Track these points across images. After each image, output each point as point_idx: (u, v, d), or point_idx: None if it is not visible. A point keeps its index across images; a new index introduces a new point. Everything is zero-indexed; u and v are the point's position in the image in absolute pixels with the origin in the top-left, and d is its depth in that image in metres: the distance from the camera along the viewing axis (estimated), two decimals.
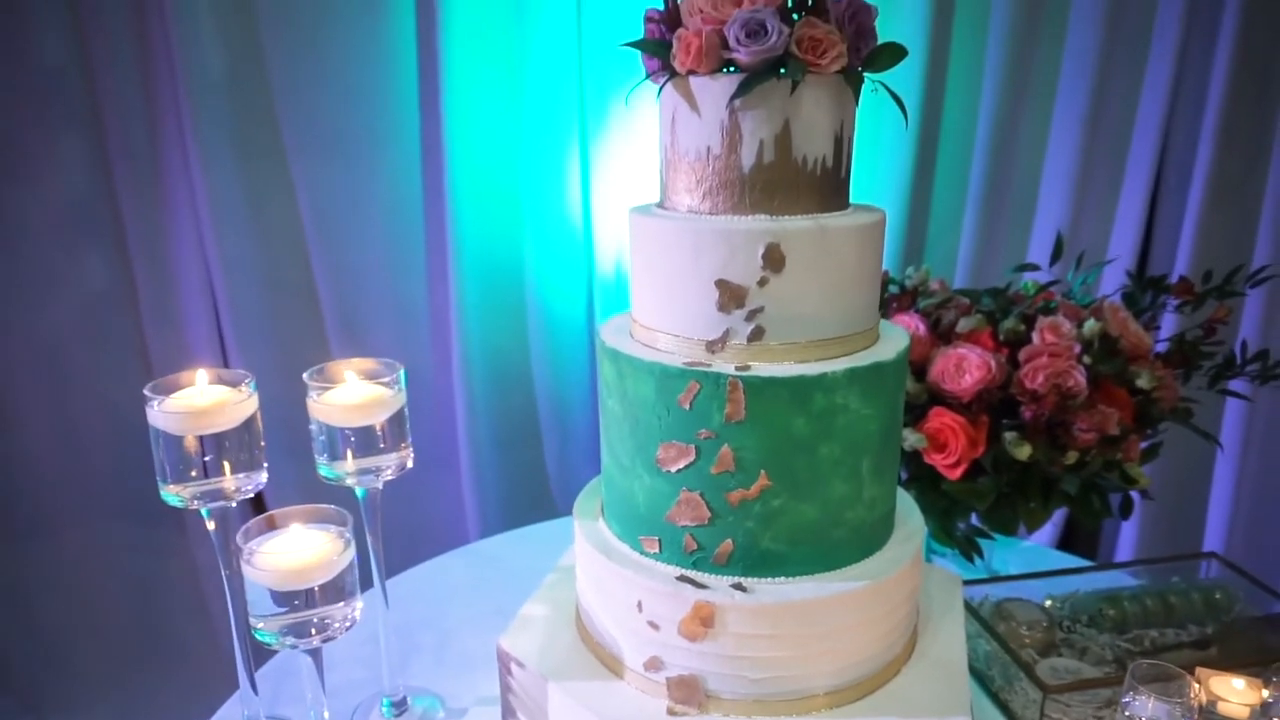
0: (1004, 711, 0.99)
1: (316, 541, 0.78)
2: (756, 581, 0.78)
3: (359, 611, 0.81)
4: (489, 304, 1.85)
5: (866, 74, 0.77)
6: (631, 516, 0.83)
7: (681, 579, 0.79)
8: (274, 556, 0.76)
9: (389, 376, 0.91)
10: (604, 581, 0.84)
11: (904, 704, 0.80)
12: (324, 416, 0.89)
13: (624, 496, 0.84)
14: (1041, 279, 1.23)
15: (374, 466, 0.91)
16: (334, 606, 0.78)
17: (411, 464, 0.95)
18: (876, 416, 0.78)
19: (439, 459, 1.93)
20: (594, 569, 0.85)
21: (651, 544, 0.81)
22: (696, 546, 0.79)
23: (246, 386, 0.87)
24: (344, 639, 0.81)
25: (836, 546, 0.80)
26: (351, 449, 0.90)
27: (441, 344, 1.89)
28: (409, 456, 0.94)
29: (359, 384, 0.91)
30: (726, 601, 0.76)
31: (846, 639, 0.78)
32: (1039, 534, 1.93)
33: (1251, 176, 1.77)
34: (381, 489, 0.93)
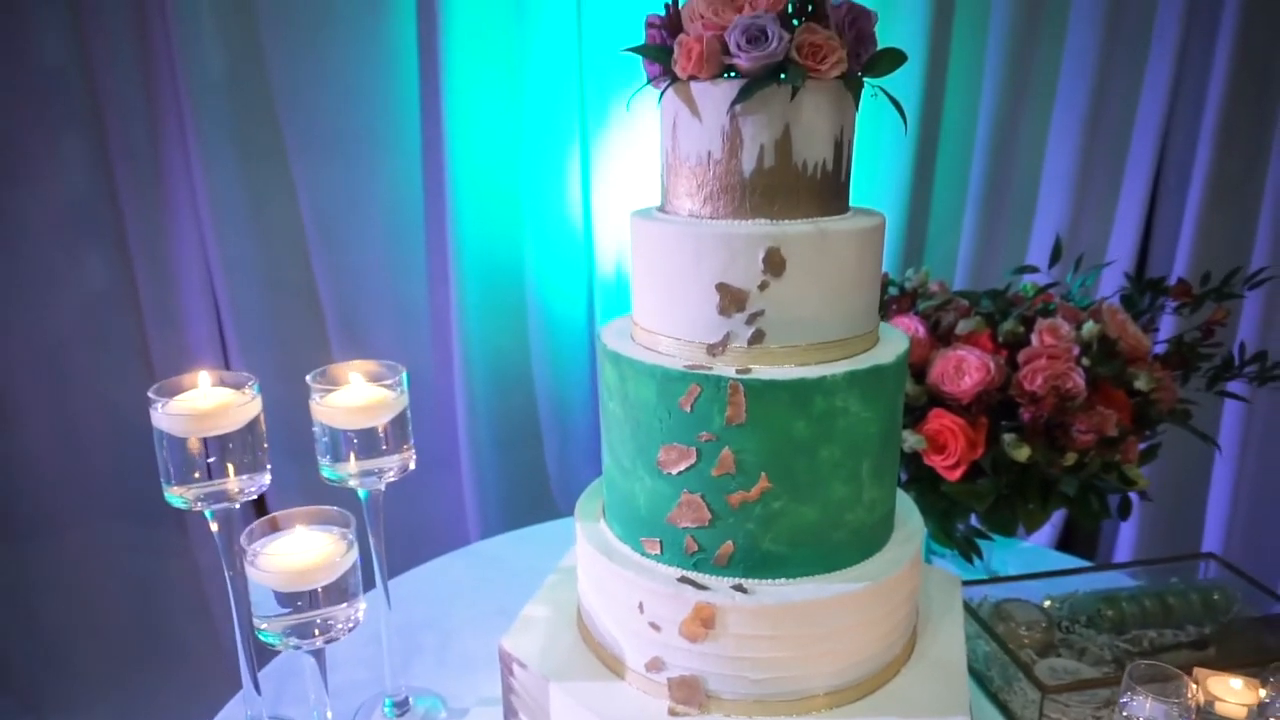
0: (1003, 712, 1.00)
1: (320, 543, 0.78)
2: (757, 583, 0.79)
3: (362, 612, 0.81)
4: (489, 305, 1.85)
5: (866, 79, 0.77)
6: (633, 518, 0.84)
7: (682, 580, 0.79)
8: (278, 558, 0.76)
9: (391, 379, 0.92)
10: (605, 583, 0.84)
11: (903, 704, 0.81)
12: (327, 418, 0.89)
13: (625, 498, 0.84)
14: (1041, 281, 1.23)
15: (376, 468, 0.92)
16: (337, 607, 0.78)
17: (414, 465, 0.95)
18: (876, 419, 0.78)
19: (440, 460, 1.93)
20: (595, 570, 0.86)
21: (653, 545, 0.82)
22: (697, 548, 0.79)
23: (250, 389, 0.87)
24: (346, 639, 0.81)
25: (836, 548, 0.80)
26: (354, 451, 0.90)
27: (442, 344, 1.89)
28: (411, 458, 0.95)
29: (362, 386, 0.92)
30: (727, 603, 0.76)
31: (846, 640, 0.79)
32: (1038, 535, 1.94)
33: (1251, 177, 1.77)
34: (384, 490, 0.94)
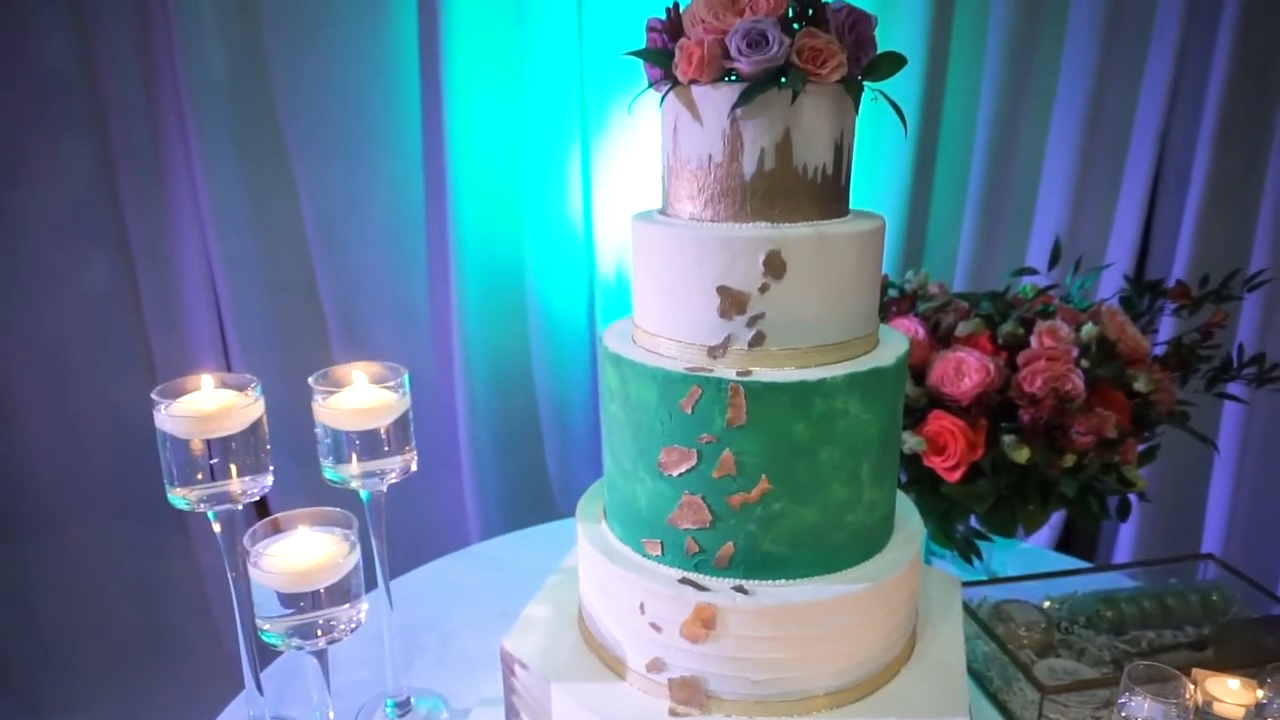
0: (1002, 712, 1.00)
1: (322, 544, 0.79)
2: (757, 584, 0.79)
3: (364, 613, 0.81)
4: (490, 306, 1.85)
5: (866, 83, 0.78)
6: (634, 519, 0.84)
7: (683, 581, 0.79)
8: (281, 559, 0.77)
9: (394, 380, 0.92)
10: (606, 584, 0.85)
11: (903, 705, 0.81)
12: (329, 420, 0.90)
13: (626, 500, 0.85)
14: (1040, 283, 1.24)
15: (379, 469, 0.92)
16: (339, 608, 0.79)
17: (415, 466, 0.95)
18: (876, 421, 0.79)
19: (440, 461, 1.93)
20: (597, 571, 0.86)
21: (654, 547, 0.82)
22: (698, 549, 0.80)
23: (253, 390, 0.88)
24: (348, 640, 0.82)
25: (837, 549, 0.81)
26: (356, 452, 0.90)
27: (443, 346, 1.90)
28: (413, 459, 0.95)
29: (364, 388, 0.92)
30: (728, 604, 0.77)
31: (846, 640, 0.79)
32: (1037, 536, 1.94)
33: (1250, 178, 1.78)
34: (385, 491, 0.94)
